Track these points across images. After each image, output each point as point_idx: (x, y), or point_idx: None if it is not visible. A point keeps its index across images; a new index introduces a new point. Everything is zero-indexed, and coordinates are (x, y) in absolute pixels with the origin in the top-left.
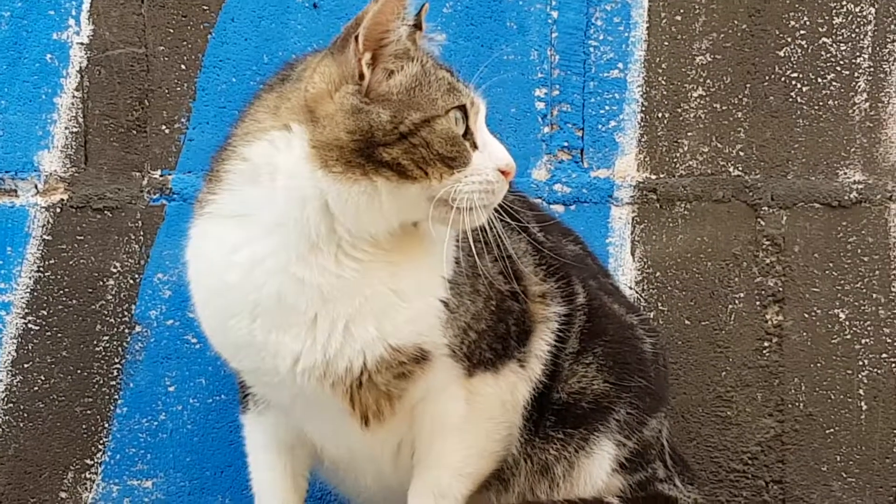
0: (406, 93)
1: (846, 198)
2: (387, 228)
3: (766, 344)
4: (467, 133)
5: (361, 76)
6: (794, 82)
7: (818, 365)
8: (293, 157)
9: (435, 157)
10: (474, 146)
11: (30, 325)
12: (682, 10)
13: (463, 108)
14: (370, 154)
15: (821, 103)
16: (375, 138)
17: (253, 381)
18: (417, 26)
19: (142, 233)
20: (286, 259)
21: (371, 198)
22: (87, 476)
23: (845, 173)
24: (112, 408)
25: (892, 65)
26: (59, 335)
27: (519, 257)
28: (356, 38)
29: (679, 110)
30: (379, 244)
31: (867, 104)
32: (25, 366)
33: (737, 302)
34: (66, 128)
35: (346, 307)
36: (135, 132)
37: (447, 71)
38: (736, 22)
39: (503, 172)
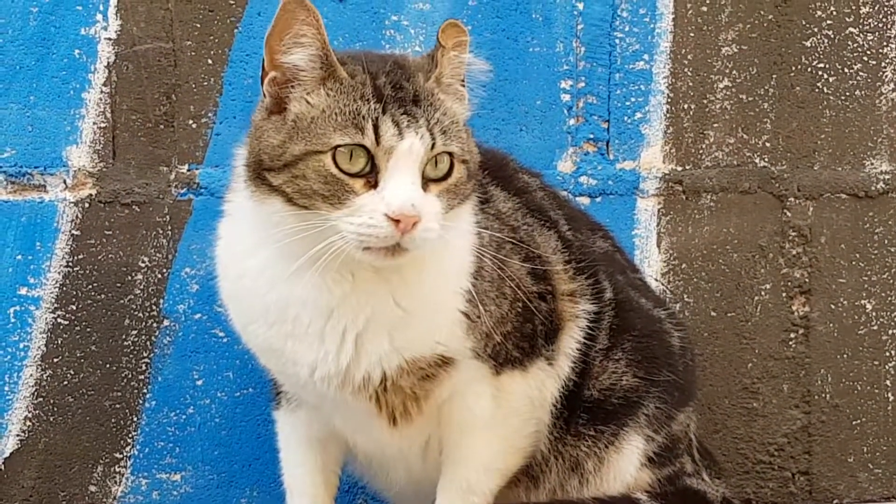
0: (301, 121)
1: (873, 188)
2: (318, 253)
3: (792, 335)
4: (372, 172)
5: (264, 94)
6: (820, 73)
7: (845, 356)
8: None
9: (312, 192)
10: (371, 186)
11: (59, 320)
12: (707, 1)
13: (364, 148)
14: (263, 177)
15: (847, 93)
16: (264, 163)
17: (282, 381)
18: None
19: (169, 227)
20: (280, 271)
21: (283, 219)
22: (117, 469)
23: (872, 164)
24: (141, 402)
25: None
26: (88, 330)
27: (548, 256)
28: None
29: (705, 101)
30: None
31: (894, 94)
32: (55, 360)
33: (763, 293)
34: (94, 123)
35: (352, 322)
36: (162, 127)
37: (386, 106)
38: (762, 12)
39: (394, 220)
